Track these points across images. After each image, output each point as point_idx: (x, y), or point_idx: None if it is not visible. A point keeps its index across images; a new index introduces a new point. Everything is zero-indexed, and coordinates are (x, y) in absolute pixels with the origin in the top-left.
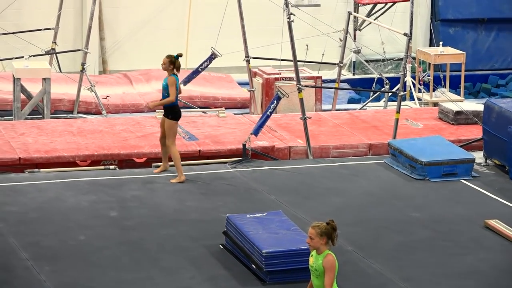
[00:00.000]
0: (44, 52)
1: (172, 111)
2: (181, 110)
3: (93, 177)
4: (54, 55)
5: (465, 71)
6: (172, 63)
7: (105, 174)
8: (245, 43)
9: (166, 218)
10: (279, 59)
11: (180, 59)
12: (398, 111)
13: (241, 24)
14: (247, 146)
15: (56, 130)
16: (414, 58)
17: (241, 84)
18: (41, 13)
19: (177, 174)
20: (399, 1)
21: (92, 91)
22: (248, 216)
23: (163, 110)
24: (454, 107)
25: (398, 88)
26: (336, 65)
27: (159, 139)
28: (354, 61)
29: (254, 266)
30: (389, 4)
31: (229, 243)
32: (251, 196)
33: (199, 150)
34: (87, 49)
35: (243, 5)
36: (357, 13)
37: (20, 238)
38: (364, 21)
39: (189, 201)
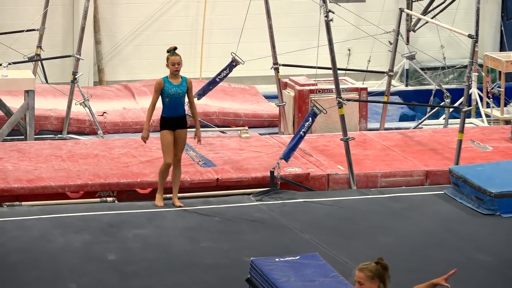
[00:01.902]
0: (26, 59)
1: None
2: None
3: (86, 212)
4: (39, 62)
5: None
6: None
7: (102, 208)
8: (273, 47)
9: (177, 262)
10: (314, 67)
11: (194, 67)
12: (462, 131)
13: (268, 24)
14: (275, 173)
15: (42, 154)
16: (481, 66)
17: (268, 97)
18: (25, 11)
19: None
20: None
21: (86, 106)
22: (277, 260)
23: (167, 121)
24: None
25: (461, 103)
26: (385, 74)
27: (167, 164)
28: (407, 69)
29: None
30: None
31: None
32: (281, 235)
33: (217, 179)
34: (80, 54)
35: (271, 1)
36: (411, 10)
37: None
38: (419, 20)
39: (205, 241)
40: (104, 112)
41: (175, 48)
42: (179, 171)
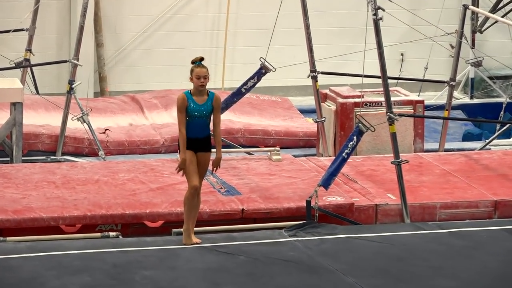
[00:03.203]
0: (13, 65)
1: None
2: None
3: (85, 250)
4: (29, 68)
5: None
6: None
7: (104, 245)
8: (311, 51)
9: None
10: (360, 75)
11: (215, 75)
12: None
13: (305, 23)
14: (312, 204)
15: (31, 180)
16: None
17: (305, 111)
18: (12, 7)
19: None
20: None
21: (84, 122)
22: None
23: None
24: None
25: None
26: (446, 84)
27: (193, 187)
28: (472, 78)
29: None
30: None
31: None
32: (319, 278)
33: (242, 210)
34: (77, 60)
35: None
36: (477, 7)
37: None
38: (487, 19)
39: (228, 285)
40: (106, 129)
41: (202, 59)
42: (198, 200)
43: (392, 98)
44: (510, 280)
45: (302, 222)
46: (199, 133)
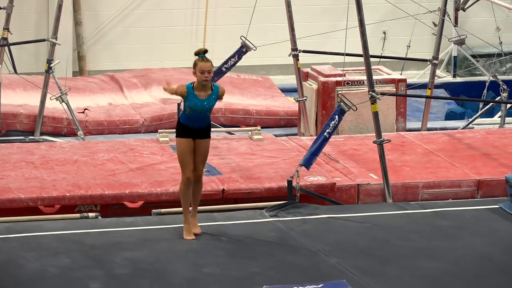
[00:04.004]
0: None
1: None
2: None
3: (64, 231)
4: (6, 47)
5: None
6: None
7: (83, 226)
8: (292, 29)
9: None
10: (342, 54)
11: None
12: None
13: (286, 2)
14: (294, 184)
15: (9, 160)
16: None
17: (286, 91)
18: None
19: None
20: None
21: (63, 101)
22: None
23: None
24: None
25: None
26: (428, 63)
27: (187, 178)
28: (455, 57)
29: None
30: None
31: None
32: (301, 259)
33: (223, 190)
34: (56, 39)
35: None
36: None
37: None
38: None
39: (209, 266)
40: (85, 109)
41: (206, 51)
42: (199, 188)
43: (374, 77)
44: (494, 260)
45: (283, 202)
46: (199, 124)
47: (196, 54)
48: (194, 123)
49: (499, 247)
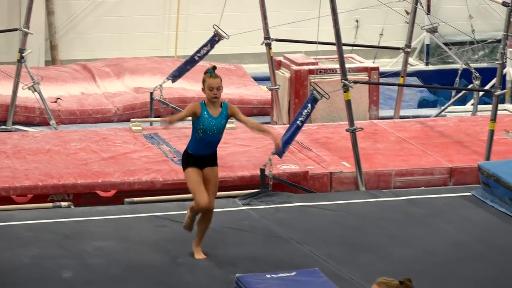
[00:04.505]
0: None
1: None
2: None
3: (36, 220)
4: None
5: None
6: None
7: (55, 215)
8: (265, 18)
9: (148, 282)
10: (315, 42)
11: (167, 43)
12: (494, 119)
13: None
14: (267, 172)
15: None
16: None
17: (259, 79)
18: None
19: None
20: None
21: (35, 91)
22: (268, 276)
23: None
24: None
25: (493, 85)
26: (401, 51)
27: (202, 208)
28: (427, 45)
29: None
30: None
31: None
32: (274, 247)
33: None
34: (28, 28)
35: None
36: None
37: None
38: None
39: (182, 256)
40: (57, 98)
41: (214, 68)
42: (207, 219)
43: (347, 65)
44: (466, 247)
45: (256, 190)
46: (207, 151)
47: (206, 71)
48: (202, 149)
49: (471, 234)
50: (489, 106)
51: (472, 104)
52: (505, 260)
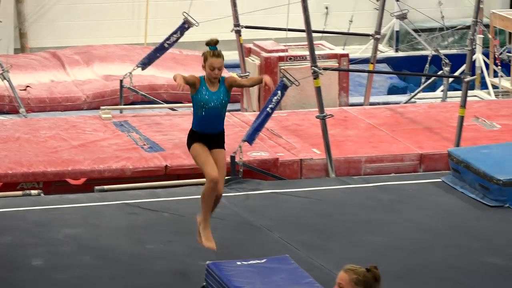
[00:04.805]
0: None
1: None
2: (140, 106)
3: (6, 208)
4: None
5: None
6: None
7: (25, 204)
8: (234, 5)
9: (118, 269)
10: (284, 29)
11: (137, 31)
12: (464, 105)
13: None
14: (237, 159)
15: None
16: (487, 26)
17: (229, 66)
18: None
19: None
20: None
21: (5, 78)
22: (238, 263)
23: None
24: None
25: (463, 71)
26: (371, 38)
27: (212, 178)
28: (397, 31)
29: None
30: None
31: None
32: (244, 234)
33: (166, 166)
34: None
35: None
36: None
37: None
38: None
39: (152, 243)
40: (27, 86)
41: (217, 42)
42: (217, 193)
43: (317, 52)
44: (436, 233)
45: (226, 178)
46: (212, 128)
47: (207, 44)
48: (205, 126)
49: (441, 221)
50: (459, 93)
51: (442, 91)
52: (475, 245)
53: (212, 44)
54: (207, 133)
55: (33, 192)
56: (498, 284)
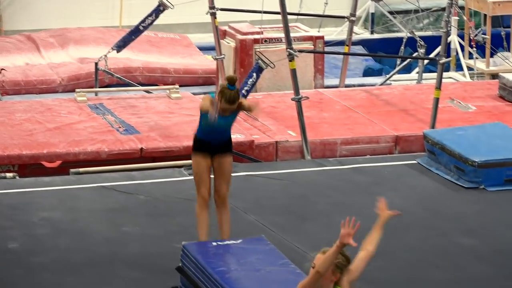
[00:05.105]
0: None
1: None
2: (115, 88)
3: None
4: None
5: None
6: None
7: (0, 187)
8: None
9: (94, 251)
10: (259, 11)
11: (112, 13)
12: (439, 87)
13: None
14: None
15: None
16: (462, 8)
17: (204, 49)
18: None
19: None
20: None
21: None
22: (214, 244)
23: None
24: None
25: (438, 53)
26: (346, 20)
27: (202, 198)
28: (372, 13)
29: None
30: None
31: (186, 285)
32: None
33: (141, 149)
34: None
35: None
36: None
37: None
38: None
39: (128, 225)
40: (2, 69)
41: (236, 80)
42: (225, 213)
43: (292, 34)
44: (412, 214)
45: None
46: (215, 139)
47: (227, 80)
48: (209, 136)
49: (416, 202)
50: (434, 74)
51: (417, 73)
52: (450, 226)
53: (231, 82)
54: (210, 141)
55: (8, 175)
56: (473, 264)
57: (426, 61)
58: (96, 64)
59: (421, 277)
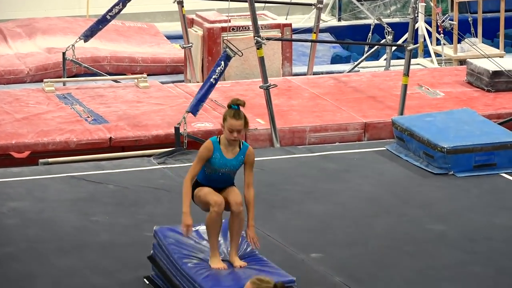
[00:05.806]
0: None
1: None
2: (83, 78)
3: None
4: None
5: (506, 11)
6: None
7: None
8: None
9: (64, 242)
10: (227, 0)
11: (79, 3)
12: (407, 74)
13: None
14: (181, 130)
15: None
16: None
17: (171, 37)
18: None
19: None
20: None
21: None
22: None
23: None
24: (490, 65)
25: (406, 39)
26: (313, 7)
27: (217, 205)
28: (339, 0)
29: None
30: None
31: (158, 275)
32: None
33: (110, 138)
34: None
35: None
36: None
37: None
38: None
39: (97, 215)
40: None
41: (239, 104)
42: (238, 219)
43: (259, 22)
44: (381, 201)
45: (171, 149)
46: (219, 185)
47: (230, 105)
48: (214, 184)
49: (386, 189)
50: (402, 61)
51: (385, 59)
52: (420, 213)
53: (235, 104)
54: (214, 187)
55: None
56: (442, 251)
57: (393, 48)
58: (64, 54)
59: (391, 264)
